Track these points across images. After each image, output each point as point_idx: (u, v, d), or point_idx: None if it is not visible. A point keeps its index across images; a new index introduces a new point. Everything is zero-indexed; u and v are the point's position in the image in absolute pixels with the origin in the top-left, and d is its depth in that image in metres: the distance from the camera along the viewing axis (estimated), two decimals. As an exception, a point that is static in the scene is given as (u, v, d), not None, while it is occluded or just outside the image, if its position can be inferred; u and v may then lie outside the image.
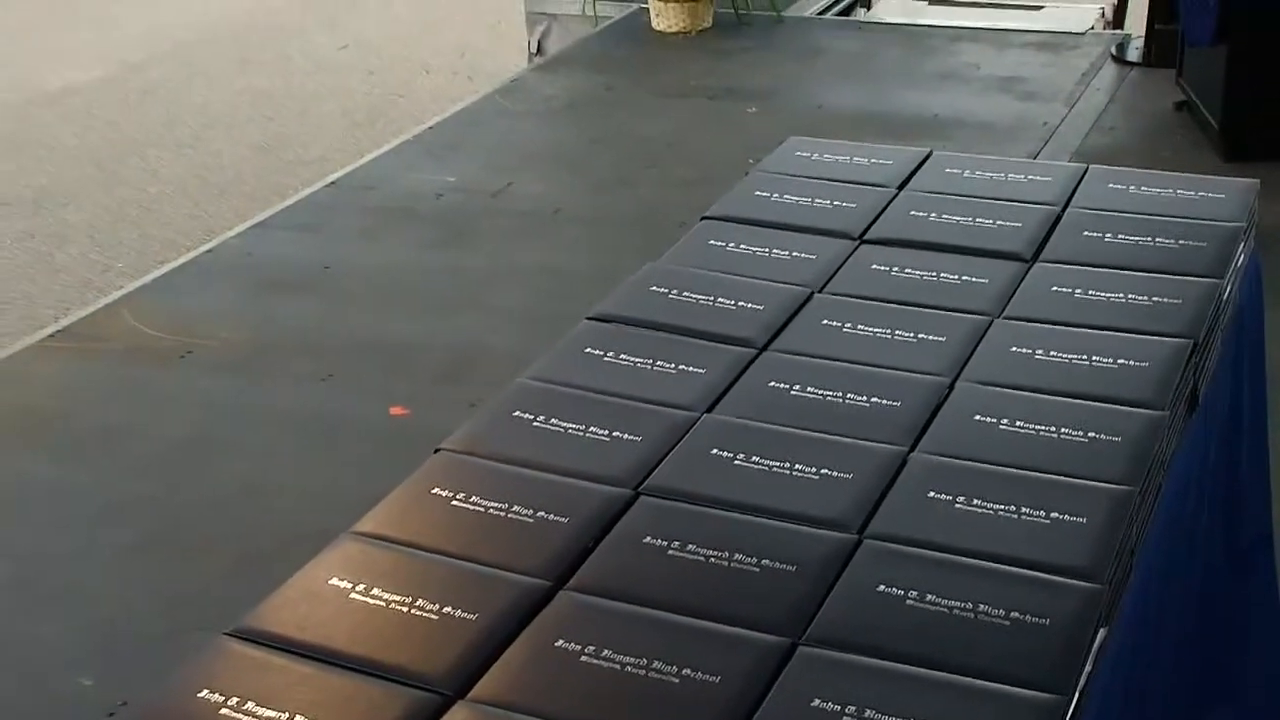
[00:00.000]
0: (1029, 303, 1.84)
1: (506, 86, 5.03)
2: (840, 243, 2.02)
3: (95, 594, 2.34)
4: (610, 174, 4.20)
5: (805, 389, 1.65)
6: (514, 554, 1.38)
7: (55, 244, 5.98)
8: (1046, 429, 1.56)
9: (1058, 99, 4.58)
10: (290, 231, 3.77)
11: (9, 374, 3.07)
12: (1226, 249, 1.96)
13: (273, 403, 2.92)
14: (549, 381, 1.69)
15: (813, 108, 4.63)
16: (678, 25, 5.27)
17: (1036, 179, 2.21)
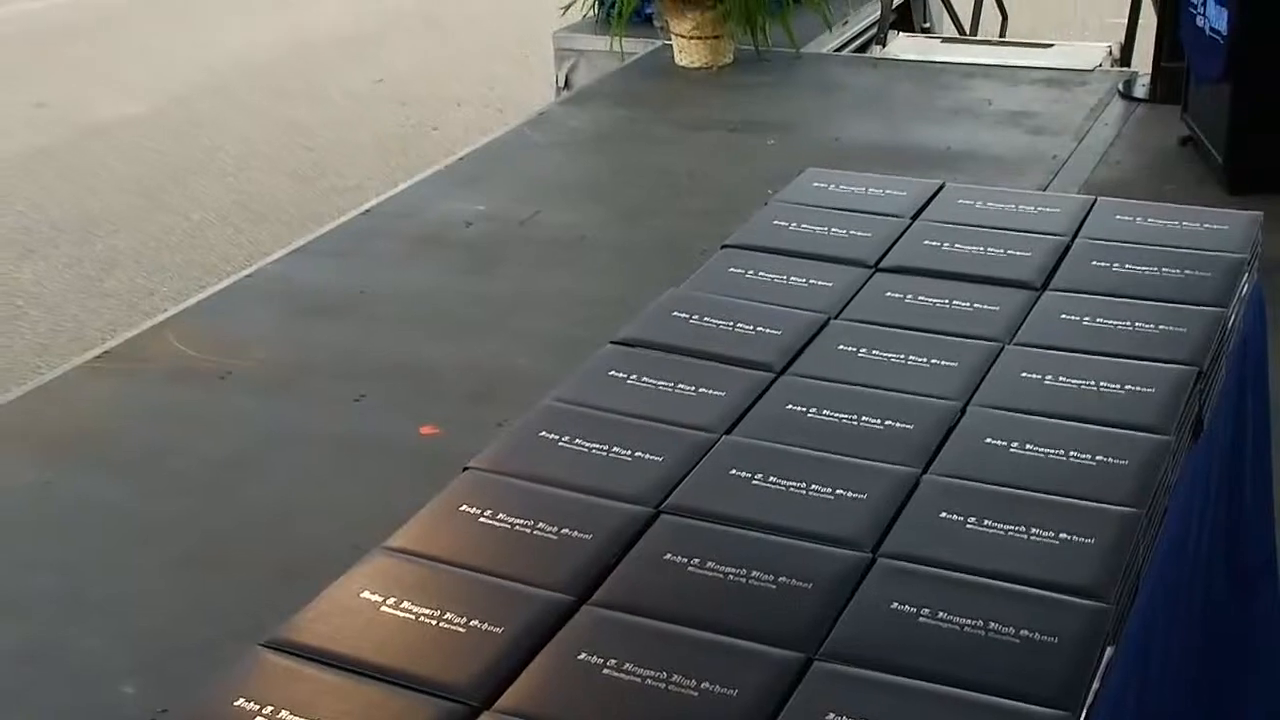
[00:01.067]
0: (1038, 330, 1.83)
1: (535, 119, 5.04)
2: (856, 271, 2.02)
3: (138, 605, 2.35)
4: (634, 203, 4.21)
5: (821, 412, 1.65)
6: (539, 569, 1.37)
7: (104, 269, 6.01)
8: (1055, 452, 1.55)
9: (1067, 133, 4.57)
10: (326, 257, 3.78)
11: (59, 393, 3.08)
12: (1231, 279, 1.96)
13: (308, 422, 2.93)
14: (574, 403, 1.69)
15: (829, 140, 4.63)
16: (700, 61, 5.28)
17: (1046, 210, 2.21)
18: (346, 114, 8.07)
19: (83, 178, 7.10)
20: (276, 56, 9.21)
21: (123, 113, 8.08)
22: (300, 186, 6.93)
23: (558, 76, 5.81)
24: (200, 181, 7.04)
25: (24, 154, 7.40)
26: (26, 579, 2.42)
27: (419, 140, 7.49)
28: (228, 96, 8.42)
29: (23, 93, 8.43)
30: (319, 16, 10.19)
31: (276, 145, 7.55)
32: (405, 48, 9.38)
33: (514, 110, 6.79)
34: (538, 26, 6.36)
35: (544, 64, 6.07)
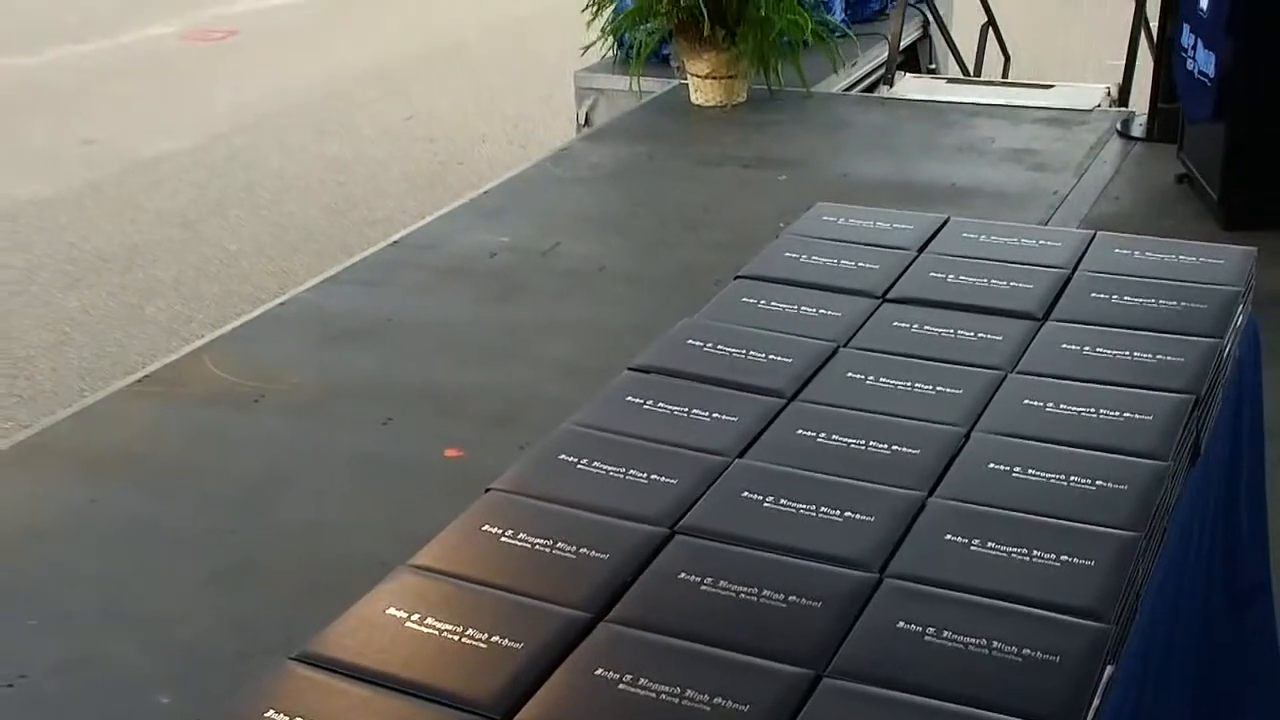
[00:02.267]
0: (1040, 359, 1.83)
1: (556, 154, 5.05)
2: (864, 301, 2.01)
3: (173, 619, 2.34)
4: (651, 236, 4.21)
5: (830, 437, 1.64)
6: (558, 588, 1.37)
7: (145, 297, 6.04)
8: (1057, 477, 1.54)
9: (1067, 170, 4.56)
10: (356, 286, 3.78)
11: (102, 415, 3.09)
12: (1226, 310, 1.95)
13: (337, 444, 2.92)
14: (592, 427, 1.68)
15: (839, 176, 4.63)
16: (715, 100, 5.29)
17: (1047, 244, 2.20)
18: (377, 150, 8.11)
19: (127, 210, 7.15)
20: (312, 95, 9.27)
21: (165, 149, 8.13)
22: (332, 218, 6.95)
23: (578, 114, 5.83)
24: (238, 214, 7.08)
25: (73, 188, 7.45)
26: (70, 592, 2.42)
27: (446, 174, 7.52)
28: (265, 133, 8.47)
29: (72, 130, 8.49)
30: (353, 57, 10.25)
31: (310, 179, 7.59)
32: (434, 87, 9.43)
33: (537, 146, 6.82)
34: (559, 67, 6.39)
35: (565, 102, 6.10)
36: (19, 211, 7.07)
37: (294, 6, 12.21)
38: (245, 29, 11.29)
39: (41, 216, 7.04)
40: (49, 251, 6.57)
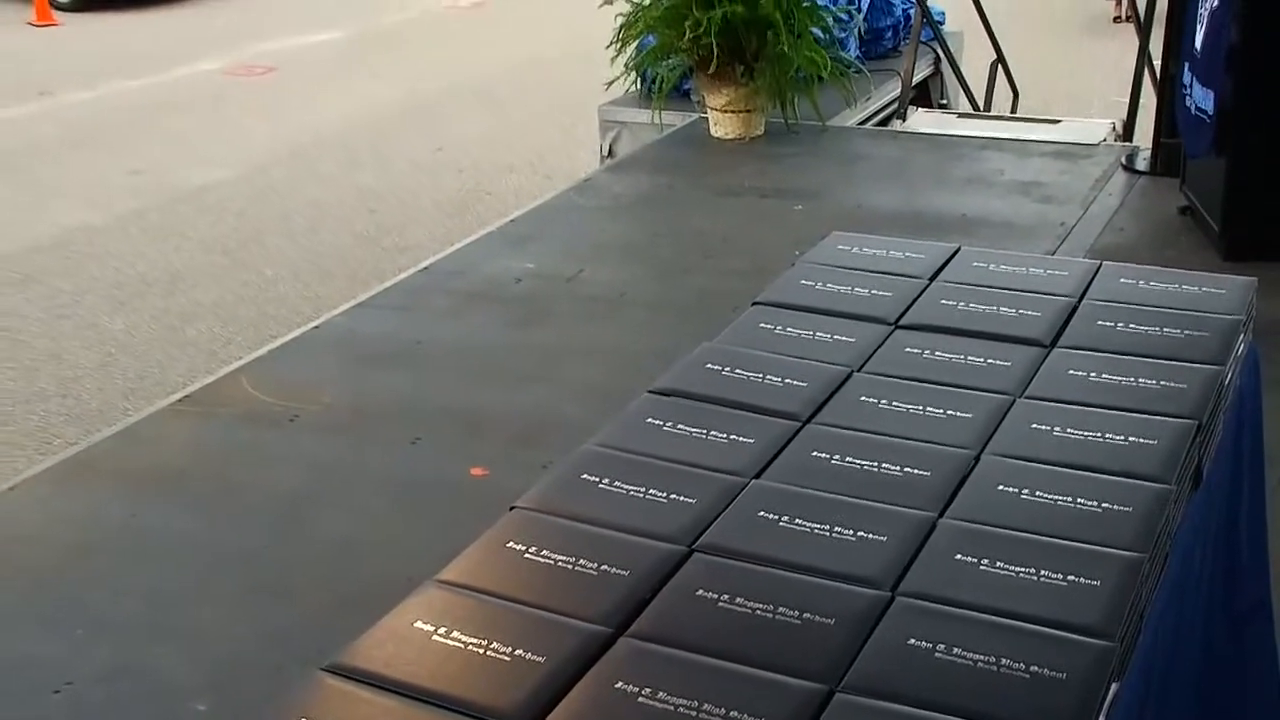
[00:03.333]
0: (1048, 384, 1.82)
1: (580, 185, 5.06)
2: (877, 327, 2.01)
3: (211, 630, 2.35)
4: (671, 263, 4.21)
5: (844, 459, 1.64)
6: (579, 603, 1.37)
7: (186, 320, 6.07)
8: (1064, 499, 1.53)
9: (1073, 202, 4.55)
10: (387, 311, 3.79)
11: (143, 434, 3.10)
12: (1228, 339, 1.94)
13: (367, 462, 2.93)
14: (613, 448, 1.68)
15: (853, 206, 4.63)
16: (733, 133, 5.30)
17: (1054, 273, 2.20)
18: (409, 180, 8.14)
19: (170, 237, 7.19)
20: (347, 128, 9.32)
21: (208, 179, 8.18)
22: (365, 246, 6.98)
23: (602, 146, 5.85)
24: (275, 241, 7.11)
25: (120, 216, 7.50)
26: (114, 604, 2.42)
27: (474, 204, 7.54)
28: (302, 164, 8.52)
29: (121, 161, 8.56)
30: (386, 92, 10.31)
31: (345, 208, 7.62)
32: (463, 120, 9.47)
33: (561, 177, 6.84)
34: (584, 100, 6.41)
35: (589, 134, 6.12)
36: (70, 239, 7.13)
37: (331, 44, 12.29)
38: (285, 65, 11.37)
39: (90, 243, 7.09)
40: (97, 276, 6.61)
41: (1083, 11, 12.37)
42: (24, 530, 2.70)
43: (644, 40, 5.39)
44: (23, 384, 5.45)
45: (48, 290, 6.44)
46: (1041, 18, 11.82)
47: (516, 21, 13.12)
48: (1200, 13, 4.20)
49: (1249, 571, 2.16)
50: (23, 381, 5.47)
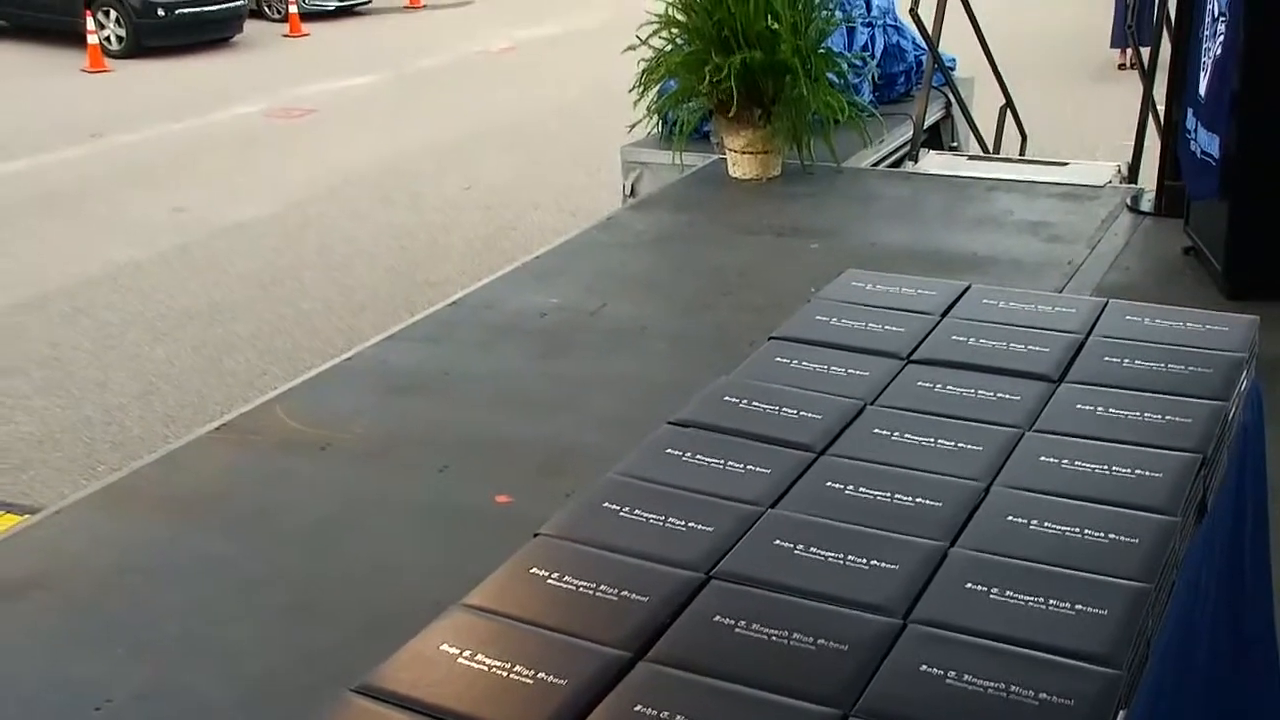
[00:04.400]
0: (1056, 418, 1.81)
1: (603, 222, 5.08)
2: (890, 362, 2.00)
3: (245, 650, 2.35)
4: (691, 298, 4.22)
5: (858, 489, 1.63)
6: (600, 628, 1.36)
7: (224, 351, 6.10)
8: (1072, 530, 1.52)
9: (1080, 241, 4.54)
10: (417, 343, 3.81)
11: (183, 460, 3.12)
12: (1231, 375, 1.92)
13: (397, 490, 2.93)
14: (634, 477, 1.68)
15: (867, 245, 4.63)
16: (751, 173, 5.31)
17: (1062, 310, 2.19)
18: (439, 217, 8.18)
19: (210, 272, 7.24)
20: (381, 168, 9.38)
21: (247, 216, 8.25)
22: (396, 280, 7.01)
23: (624, 185, 5.87)
24: (310, 276, 7.15)
25: (163, 251, 7.56)
26: (153, 623, 2.43)
27: (501, 240, 7.57)
28: (337, 202, 8.57)
29: (165, 199, 8.64)
30: (418, 134, 10.38)
31: (377, 244, 7.66)
32: (491, 160, 9.53)
33: (585, 215, 6.86)
34: (607, 142, 6.44)
35: (612, 174, 6.14)
36: (116, 273, 7.19)
37: (366, 88, 12.39)
38: (322, 108, 11.47)
39: (135, 277, 7.14)
40: (141, 309, 6.66)
41: (1089, 59, 12.39)
42: (69, 552, 2.71)
43: (665, 84, 5.42)
44: (70, 412, 5.49)
45: (95, 322, 6.49)
46: (1049, 65, 11.84)
47: (544, 66, 13.21)
48: (1204, 61, 4.20)
49: (1253, 601, 2.13)
50: (70, 409, 5.51)
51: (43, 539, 2.78)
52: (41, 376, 5.85)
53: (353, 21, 16.47)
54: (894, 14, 6.84)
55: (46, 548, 2.74)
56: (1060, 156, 6.50)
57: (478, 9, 17.46)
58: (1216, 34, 4.06)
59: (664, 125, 5.69)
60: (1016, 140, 7.56)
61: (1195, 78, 4.29)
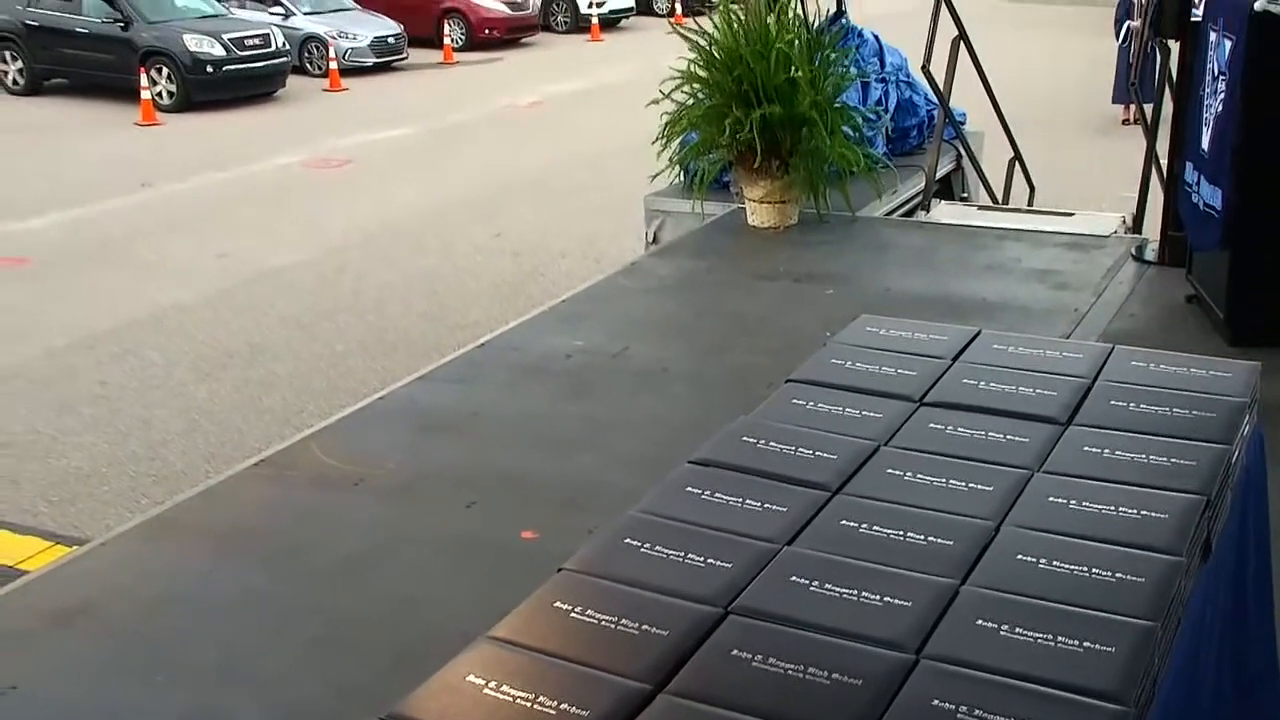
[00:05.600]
0: (1064, 460, 1.79)
1: (627, 269, 5.09)
2: (903, 404, 1.99)
3: (279, 679, 2.34)
4: (711, 341, 4.21)
5: (872, 528, 1.62)
6: (621, 660, 1.35)
7: (263, 390, 6.13)
8: (1080, 569, 1.51)
9: (1087, 289, 4.52)
10: (447, 383, 3.81)
11: (222, 495, 3.12)
12: (1234, 419, 1.91)
13: (427, 525, 2.93)
14: (655, 514, 1.67)
15: (881, 291, 4.62)
16: (769, 222, 5.32)
17: (1069, 355, 2.18)
18: (469, 263, 8.22)
19: (251, 314, 7.29)
20: (413, 216, 9.44)
21: (286, 261, 8.30)
22: (428, 323, 7.04)
23: (647, 233, 5.89)
24: (345, 318, 7.19)
25: (208, 294, 7.62)
26: (191, 652, 2.43)
27: (528, 285, 7.60)
28: (372, 249, 8.63)
29: (210, 245, 8.72)
30: (450, 183, 10.45)
31: (410, 289, 7.70)
32: (520, 209, 9.58)
33: (610, 262, 6.88)
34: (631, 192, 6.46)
35: (636, 223, 6.16)
36: (162, 315, 7.24)
37: (401, 139, 12.50)
38: (359, 158, 11.57)
39: (180, 319, 7.19)
40: (185, 349, 6.70)
41: (1094, 114, 12.40)
42: (113, 583, 2.72)
43: (687, 137, 5.44)
44: (117, 447, 5.51)
45: (142, 362, 6.53)
46: (1056, 120, 11.85)
47: (570, 119, 13.31)
48: (1206, 117, 4.19)
49: (1256, 639, 2.11)
50: (117, 445, 5.54)
51: (89, 569, 2.78)
52: (91, 414, 5.89)
53: (390, 77, 16.64)
54: (907, 70, 6.87)
55: (93, 578, 2.74)
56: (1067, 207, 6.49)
57: (507, 65, 17.62)
58: (1217, 92, 4.06)
59: (685, 176, 5.71)
60: (1025, 191, 7.56)
61: (1197, 133, 4.28)
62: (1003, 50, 10.64)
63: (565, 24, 20.88)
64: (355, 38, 16.60)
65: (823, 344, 2.28)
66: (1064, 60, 15.65)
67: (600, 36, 19.97)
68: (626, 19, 21.41)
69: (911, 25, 7.53)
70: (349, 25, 16.80)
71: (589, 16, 20.43)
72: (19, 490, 5.13)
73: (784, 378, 2.13)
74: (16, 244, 8.79)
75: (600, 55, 18.26)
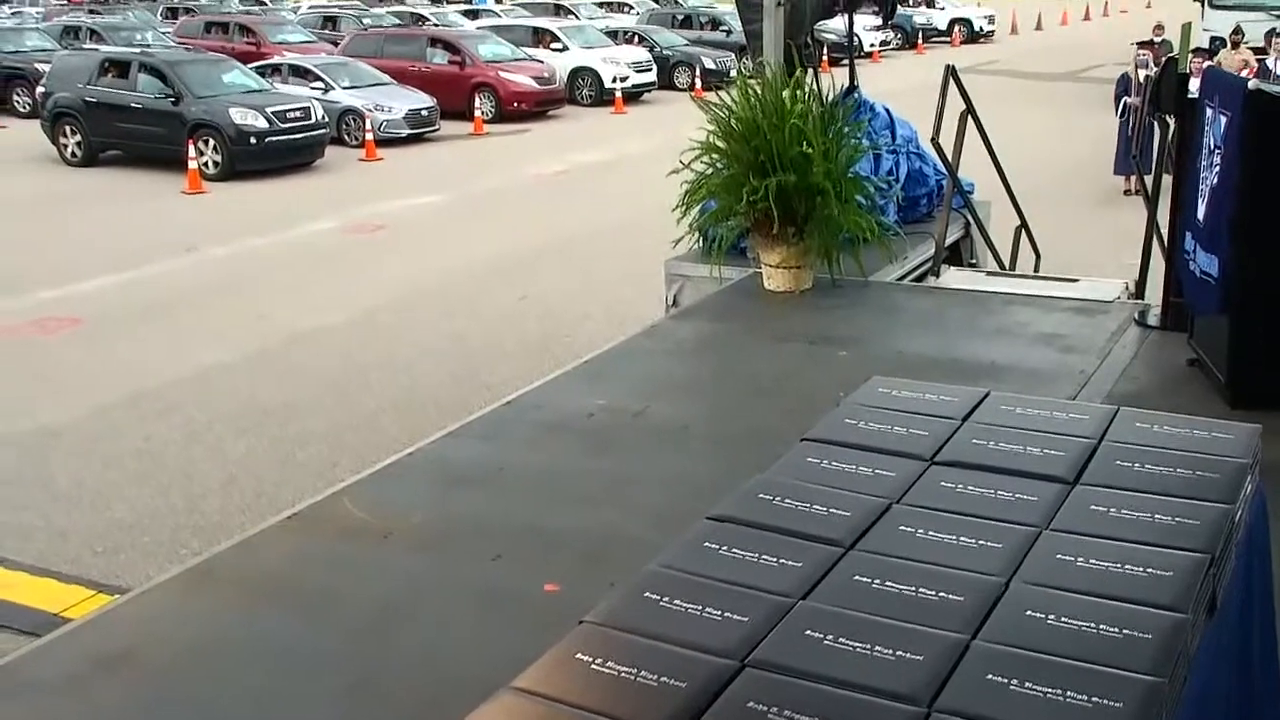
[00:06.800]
0: (1071, 518, 1.78)
1: (648, 330, 5.10)
2: (914, 463, 1.98)
3: (308, 725, 2.32)
4: (728, 401, 4.21)
5: (884, 583, 1.60)
6: (640, 712, 1.34)
7: (298, 445, 6.14)
8: (1087, 625, 1.49)
9: (1092, 352, 4.50)
10: (474, 440, 3.81)
11: (257, 546, 3.12)
12: (1236, 480, 1.89)
13: (453, 576, 2.91)
14: (674, 569, 1.66)
15: (893, 354, 4.61)
16: (785, 286, 5.33)
17: (1076, 417, 2.16)
18: (496, 325, 8.26)
19: (288, 373, 7.32)
20: (443, 280, 9.50)
21: (322, 323, 8.36)
22: (455, 382, 7.06)
23: (667, 296, 5.90)
24: (377, 377, 7.21)
25: (247, 354, 7.67)
26: (226, 697, 2.42)
27: (552, 346, 7.62)
28: (404, 311, 8.68)
29: (250, 307, 8.79)
30: (479, 249, 10.53)
31: (439, 349, 7.73)
32: (545, 274, 9.63)
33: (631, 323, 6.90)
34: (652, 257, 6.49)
35: (656, 286, 6.18)
36: (204, 374, 7.29)
37: (433, 206, 12.61)
38: (392, 224, 11.67)
39: (221, 378, 7.24)
40: (225, 406, 6.73)
41: (1097, 185, 12.42)
42: (153, 630, 2.71)
43: (706, 204, 5.47)
44: (158, 500, 5.53)
45: (184, 418, 6.56)
46: (1060, 190, 11.87)
47: (594, 188, 13.41)
48: (1202, 189, 4.20)
49: (1263, 694, 2.07)
50: (159, 498, 5.55)
51: (131, 616, 2.78)
52: (135, 468, 5.91)
53: (423, 147, 16.83)
54: (916, 142, 6.91)
55: (134, 625, 2.74)
56: (1072, 274, 6.49)
57: (535, 136, 17.80)
58: (1213, 165, 4.07)
59: (704, 241, 5.73)
60: (1031, 258, 7.56)
61: (1194, 204, 4.28)
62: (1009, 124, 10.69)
63: (590, 97, 21.12)
64: (390, 110, 16.83)
65: (837, 404, 2.28)
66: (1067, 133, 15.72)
67: (624, 109, 20.17)
68: (649, 93, 21.63)
69: (921, 100, 7.59)
70: (385, 99, 17.04)
71: (613, 90, 20.66)
72: (66, 541, 5.14)
73: (799, 437, 2.13)
74: (70, 305, 8.89)
75: (623, 127, 18.43)
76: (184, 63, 15.67)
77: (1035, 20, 35.44)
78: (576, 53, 21.64)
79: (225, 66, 15.92)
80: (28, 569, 4.90)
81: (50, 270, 9.88)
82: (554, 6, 28.58)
